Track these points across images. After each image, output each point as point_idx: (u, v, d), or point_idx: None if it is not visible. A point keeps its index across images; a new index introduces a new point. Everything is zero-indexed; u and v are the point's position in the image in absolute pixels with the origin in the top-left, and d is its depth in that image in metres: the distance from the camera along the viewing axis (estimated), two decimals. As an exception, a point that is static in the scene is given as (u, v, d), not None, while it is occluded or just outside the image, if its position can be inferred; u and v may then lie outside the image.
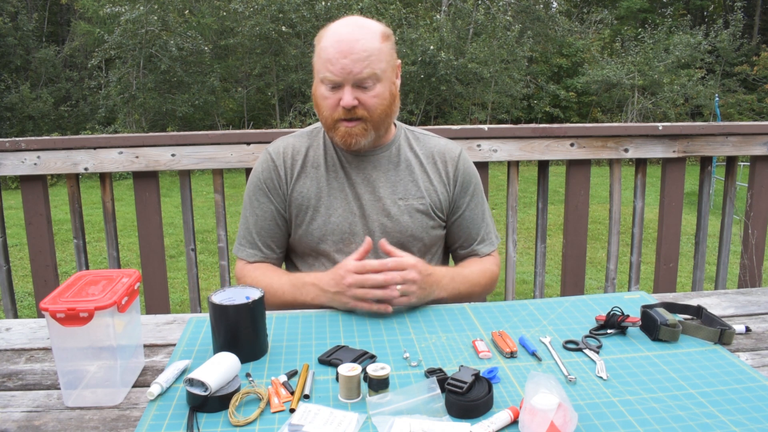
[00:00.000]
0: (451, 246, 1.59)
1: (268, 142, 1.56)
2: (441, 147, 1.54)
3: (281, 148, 1.51)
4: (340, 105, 1.34)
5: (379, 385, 0.96)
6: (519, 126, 2.31)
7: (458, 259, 1.60)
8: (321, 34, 1.38)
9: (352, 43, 1.31)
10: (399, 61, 1.44)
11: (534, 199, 2.82)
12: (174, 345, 1.19)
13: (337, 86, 1.34)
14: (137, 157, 2.21)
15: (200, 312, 2.39)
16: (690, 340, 1.18)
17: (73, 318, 0.92)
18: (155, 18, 13.33)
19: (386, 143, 1.49)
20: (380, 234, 1.45)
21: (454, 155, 1.53)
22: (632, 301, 1.36)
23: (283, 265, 1.60)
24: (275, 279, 1.42)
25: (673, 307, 1.30)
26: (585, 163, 2.36)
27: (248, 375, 1.06)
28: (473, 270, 1.50)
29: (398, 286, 1.25)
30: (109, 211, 2.32)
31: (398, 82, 1.44)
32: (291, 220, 1.49)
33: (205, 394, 0.94)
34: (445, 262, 1.62)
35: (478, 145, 2.24)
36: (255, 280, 1.44)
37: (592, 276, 5.23)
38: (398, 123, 1.55)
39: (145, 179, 2.26)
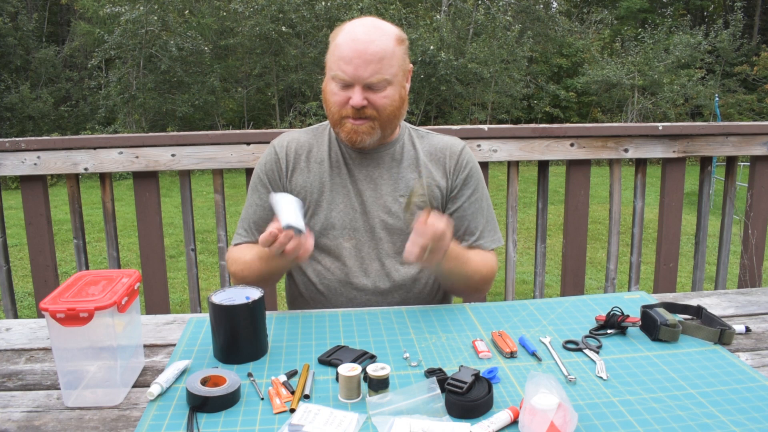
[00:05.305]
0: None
1: (268, 143, 1.57)
2: (444, 143, 1.54)
3: (285, 142, 1.53)
4: (349, 104, 1.35)
5: (379, 385, 0.96)
6: (519, 126, 2.31)
7: None
8: (336, 32, 1.38)
9: (367, 43, 1.31)
10: (411, 65, 1.45)
11: (534, 199, 2.83)
12: (174, 345, 1.19)
13: (347, 85, 1.35)
14: (137, 157, 2.21)
15: (200, 312, 2.39)
16: (690, 340, 1.18)
17: (73, 318, 0.92)
18: (155, 18, 13.32)
19: (390, 141, 1.50)
20: (381, 230, 1.46)
21: (456, 149, 1.53)
22: (632, 301, 1.36)
23: None
24: (249, 251, 1.46)
25: (673, 307, 1.30)
26: (585, 163, 2.36)
27: (249, 375, 1.06)
28: (475, 254, 1.46)
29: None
30: (109, 211, 2.32)
31: (408, 86, 1.44)
32: None
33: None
34: None
35: (478, 145, 2.24)
36: (234, 256, 1.50)
37: (592, 276, 5.23)
38: (402, 123, 1.56)
39: (145, 179, 2.26)
